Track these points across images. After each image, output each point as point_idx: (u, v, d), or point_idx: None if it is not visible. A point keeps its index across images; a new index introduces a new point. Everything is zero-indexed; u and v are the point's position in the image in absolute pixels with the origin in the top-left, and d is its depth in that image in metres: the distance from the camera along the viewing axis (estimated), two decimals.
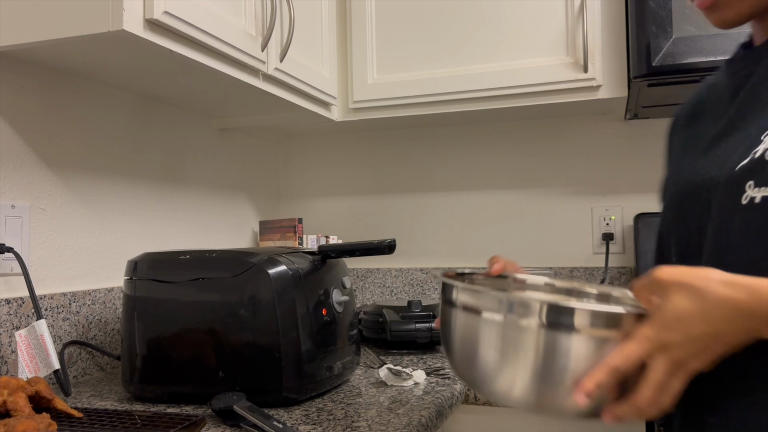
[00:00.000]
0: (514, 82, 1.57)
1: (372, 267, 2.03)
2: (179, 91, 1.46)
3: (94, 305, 1.31)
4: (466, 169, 1.97)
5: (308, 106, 1.59)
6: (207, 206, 1.75)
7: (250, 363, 1.02)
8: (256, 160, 2.03)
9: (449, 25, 1.65)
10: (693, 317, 0.59)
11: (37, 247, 1.20)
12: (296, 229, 1.83)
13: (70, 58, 1.17)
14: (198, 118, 1.72)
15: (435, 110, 1.67)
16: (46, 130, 1.23)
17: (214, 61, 1.20)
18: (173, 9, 1.04)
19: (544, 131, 1.90)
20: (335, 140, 2.12)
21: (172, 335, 1.06)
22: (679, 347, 0.60)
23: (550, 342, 0.63)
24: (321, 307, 1.10)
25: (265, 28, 1.32)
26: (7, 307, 1.11)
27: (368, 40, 1.71)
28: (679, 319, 0.60)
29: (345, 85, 1.73)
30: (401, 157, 2.04)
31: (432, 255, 2.00)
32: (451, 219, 1.98)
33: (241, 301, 1.03)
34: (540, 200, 1.90)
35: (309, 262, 1.12)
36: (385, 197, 2.06)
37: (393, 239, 1.12)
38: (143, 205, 1.50)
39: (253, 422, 0.90)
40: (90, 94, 1.34)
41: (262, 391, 1.02)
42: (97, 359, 1.31)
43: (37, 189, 1.21)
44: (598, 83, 1.51)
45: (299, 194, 2.16)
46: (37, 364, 1.04)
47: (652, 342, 0.60)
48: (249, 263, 1.04)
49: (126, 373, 1.10)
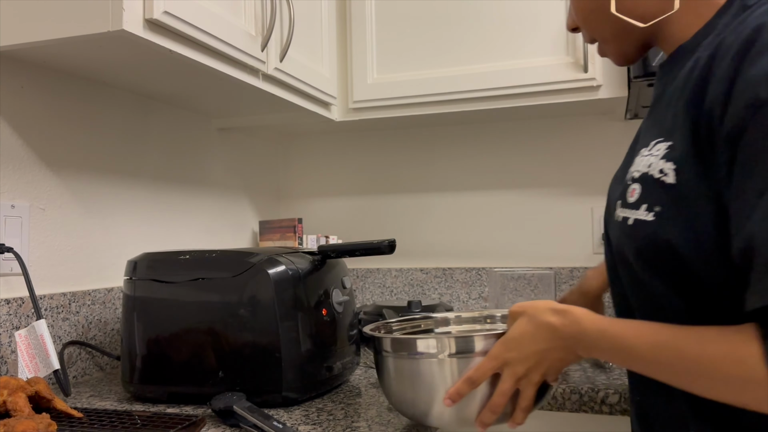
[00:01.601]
0: (514, 82, 1.57)
1: (372, 267, 2.03)
2: (179, 91, 1.46)
3: (94, 305, 1.31)
4: (466, 169, 1.97)
5: (308, 106, 1.59)
6: (207, 206, 1.75)
7: (250, 363, 1.02)
8: (256, 160, 2.03)
9: (449, 24, 1.64)
10: (525, 338, 0.76)
11: (37, 247, 1.20)
12: (296, 229, 1.83)
13: (70, 58, 1.17)
14: (198, 118, 1.72)
15: (435, 110, 1.67)
16: (45, 130, 1.23)
17: (214, 60, 1.20)
18: (173, 9, 1.04)
19: (544, 131, 1.90)
20: (335, 140, 2.12)
21: (171, 335, 1.06)
22: (518, 362, 0.76)
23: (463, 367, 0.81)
24: (321, 307, 1.10)
25: (265, 28, 1.32)
26: (6, 307, 1.11)
27: (368, 40, 1.71)
28: (516, 340, 0.77)
29: (345, 85, 1.73)
30: (401, 157, 2.04)
31: (432, 255, 2.00)
32: (451, 219, 1.98)
33: (241, 301, 1.03)
34: (540, 200, 1.90)
35: (309, 262, 1.12)
36: (385, 197, 2.06)
37: (393, 239, 1.12)
38: (143, 205, 1.49)
39: (253, 422, 0.90)
40: (90, 94, 1.34)
41: (262, 391, 1.02)
42: (96, 359, 1.31)
43: (36, 189, 1.21)
44: (599, 83, 1.51)
45: (299, 194, 2.16)
46: (36, 365, 1.04)
47: (497, 359, 0.77)
48: (249, 263, 1.04)
49: (126, 373, 1.10)
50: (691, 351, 0.62)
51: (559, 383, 1.10)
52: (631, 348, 0.67)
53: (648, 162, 0.70)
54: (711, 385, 0.62)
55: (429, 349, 0.82)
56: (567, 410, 1.12)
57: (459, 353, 0.81)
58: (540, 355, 0.76)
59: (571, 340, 0.73)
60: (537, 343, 0.75)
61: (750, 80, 0.59)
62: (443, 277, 1.94)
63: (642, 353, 0.66)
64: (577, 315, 0.73)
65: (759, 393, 0.57)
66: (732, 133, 0.60)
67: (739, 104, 0.59)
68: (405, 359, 0.85)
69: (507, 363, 0.77)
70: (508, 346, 0.77)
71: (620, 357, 0.69)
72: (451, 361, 0.81)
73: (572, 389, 1.12)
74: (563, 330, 0.73)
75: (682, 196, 0.65)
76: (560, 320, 0.74)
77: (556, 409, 1.13)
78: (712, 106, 0.63)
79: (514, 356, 0.76)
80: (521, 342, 0.76)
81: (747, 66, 0.60)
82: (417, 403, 0.84)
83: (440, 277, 1.95)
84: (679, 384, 0.65)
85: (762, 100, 0.58)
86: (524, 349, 0.76)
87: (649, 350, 0.66)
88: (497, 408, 0.79)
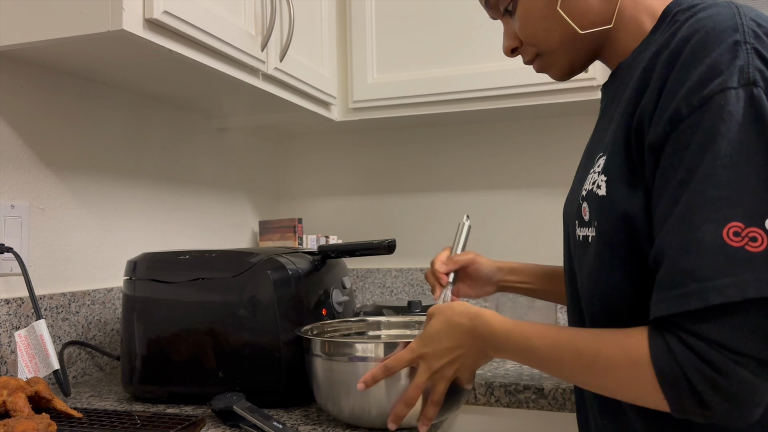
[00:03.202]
0: (514, 82, 1.57)
1: (372, 267, 2.03)
2: (179, 91, 1.46)
3: (94, 305, 1.31)
4: (466, 169, 1.97)
5: (308, 106, 1.59)
6: (207, 206, 1.75)
7: (250, 363, 1.02)
8: (256, 160, 2.03)
9: (449, 24, 1.64)
10: (440, 335, 0.80)
11: (37, 247, 1.20)
12: (296, 229, 1.83)
13: (69, 58, 1.17)
14: (198, 118, 1.72)
15: (435, 110, 1.67)
16: (45, 130, 1.23)
17: (214, 60, 1.20)
18: (173, 9, 1.04)
19: (543, 131, 1.90)
20: (335, 140, 2.12)
21: (171, 335, 1.06)
22: (433, 357, 0.81)
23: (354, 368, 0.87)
24: (321, 307, 1.10)
25: (265, 28, 1.32)
26: (6, 308, 1.11)
27: (368, 40, 1.71)
28: (431, 336, 0.81)
29: (345, 85, 1.73)
30: (401, 157, 2.04)
31: (432, 255, 1.98)
32: (451, 219, 1.98)
33: (241, 301, 1.03)
34: (540, 200, 1.89)
35: (309, 262, 1.11)
36: (385, 197, 2.06)
37: (393, 239, 1.12)
38: (143, 205, 1.49)
39: (252, 422, 0.90)
40: (90, 94, 1.34)
41: (261, 391, 1.02)
42: (96, 359, 1.31)
43: (36, 189, 1.21)
44: (598, 83, 1.51)
45: (299, 194, 2.16)
46: (36, 365, 1.04)
47: (414, 352, 0.82)
48: (249, 263, 1.04)
49: (125, 373, 1.10)
50: (589, 351, 0.66)
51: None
52: (534, 348, 0.72)
53: (593, 179, 0.73)
54: (606, 384, 0.65)
55: (360, 353, 0.88)
56: (567, 410, 1.12)
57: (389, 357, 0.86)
58: (453, 351, 0.80)
59: (481, 339, 0.78)
60: (450, 340, 0.80)
61: (673, 94, 0.62)
62: None
63: (544, 353, 0.71)
64: (487, 317, 0.77)
65: (653, 394, 0.60)
66: (655, 145, 0.63)
67: (663, 117, 0.62)
68: (333, 362, 0.90)
69: (423, 357, 0.81)
70: (425, 341, 0.82)
71: (525, 356, 0.74)
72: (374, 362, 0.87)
73: (572, 389, 1.11)
74: (474, 330, 0.78)
75: (611, 205, 0.68)
76: (471, 321, 0.78)
77: (557, 410, 1.13)
78: (641, 116, 0.65)
79: (429, 351, 0.81)
80: (436, 339, 0.81)
81: (672, 80, 0.63)
82: (350, 404, 0.89)
83: None
84: (580, 383, 0.70)
85: (683, 115, 0.60)
86: (439, 345, 0.80)
87: (550, 350, 0.70)
88: (411, 401, 0.83)
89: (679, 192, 0.60)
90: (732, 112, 0.58)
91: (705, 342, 0.56)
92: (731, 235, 0.56)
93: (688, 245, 0.58)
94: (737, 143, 0.58)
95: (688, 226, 0.58)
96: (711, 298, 0.56)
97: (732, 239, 0.56)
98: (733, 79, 0.59)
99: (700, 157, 0.59)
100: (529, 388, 1.14)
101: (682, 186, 0.59)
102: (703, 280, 0.56)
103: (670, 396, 0.59)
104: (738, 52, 0.60)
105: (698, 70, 0.60)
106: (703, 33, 0.62)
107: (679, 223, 0.59)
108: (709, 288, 0.56)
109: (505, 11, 0.82)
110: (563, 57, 0.81)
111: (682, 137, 0.60)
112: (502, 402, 1.16)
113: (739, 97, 0.58)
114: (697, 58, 0.61)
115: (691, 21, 0.65)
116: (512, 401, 1.16)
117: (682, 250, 0.58)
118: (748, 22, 0.62)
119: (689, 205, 0.59)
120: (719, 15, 0.63)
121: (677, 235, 0.59)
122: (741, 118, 0.58)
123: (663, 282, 0.60)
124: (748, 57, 0.60)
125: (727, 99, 0.59)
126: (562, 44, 0.79)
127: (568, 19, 0.76)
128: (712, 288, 0.56)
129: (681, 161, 0.60)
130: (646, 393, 0.61)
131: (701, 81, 0.60)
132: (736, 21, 0.62)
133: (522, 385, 1.15)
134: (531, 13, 0.79)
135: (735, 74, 0.59)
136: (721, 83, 0.59)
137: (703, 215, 0.57)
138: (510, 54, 0.86)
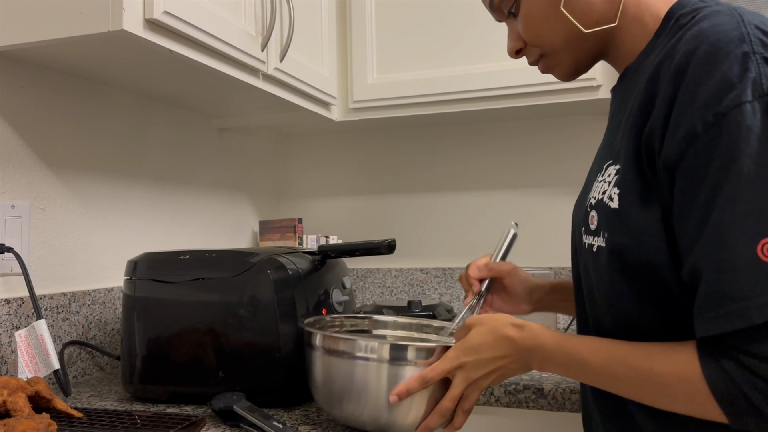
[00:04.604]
0: (514, 82, 1.57)
1: (372, 267, 2.03)
2: (179, 91, 1.46)
3: (94, 305, 1.31)
4: (466, 169, 1.97)
5: (308, 106, 1.59)
6: (207, 206, 1.75)
7: (250, 363, 1.02)
8: (256, 160, 2.03)
9: (449, 25, 1.64)
10: (483, 346, 0.78)
11: (37, 247, 1.20)
12: (296, 229, 1.83)
13: (69, 58, 1.17)
14: (198, 118, 1.72)
15: (435, 110, 1.67)
16: (45, 130, 1.23)
17: (214, 61, 1.20)
18: (173, 9, 1.04)
19: (544, 131, 1.90)
20: (335, 140, 2.12)
21: (171, 335, 1.06)
22: (472, 367, 0.78)
23: (392, 372, 0.82)
24: (321, 307, 1.10)
25: (265, 28, 1.32)
26: (6, 307, 1.11)
27: (368, 40, 1.71)
28: (473, 346, 0.78)
29: (345, 85, 1.73)
30: (401, 157, 2.04)
31: (432, 255, 2.00)
32: (451, 219, 1.98)
33: (241, 301, 1.03)
34: (540, 200, 1.90)
35: (309, 262, 1.12)
36: (385, 197, 2.06)
37: (393, 239, 1.12)
38: (143, 205, 1.49)
39: (253, 422, 0.90)
40: (90, 94, 1.34)
41: (262, 391, 1.02)
42: (96, 359, 1.31)
43: (36, 189, 1.21)
44: (598, 83, 1.51)
45: (299, 194, 2.16)
46: (36, 364, 1.04)
47: (453, 361, 0.79)
48: (249, 263, 1.04)
49: (126, 373, 1.10)
50: (642, 367, 0.65)
51: None
52: (586, 363, 0.70)
53: (602, 188, 0.73)
54: (661, 399, 0.65)
55: (362, 352, 0.84)
56: (567, 410, 1.12)
57: (393, 360, 0.83)
58: (494, 363, 0.78)
59: (527, 352, 0.76)
60: (494, 351, 0.78)
61: (685, 110, 0.61)
62: (443, 277, 1.94)
63: (596, 368, 0.70)
64: (535, 329, 0.76)
65: (712, 410, 0.60)
66: (670, 161, 0.63)
67: (676, 134, 0.62)
68: (338, 358, 0.86)
69: (462, 367, 0.79)
70: (466, 351, 0.79)
71: (574, 370, 0.73)
72: (387, 366, 0.83)
73: (572, 389, 1.12)
74: (521, 343, 0.76)
75: (625, 220, 0.68)
76: (519, 333, 0.77)
77: (556, 409, 1.13)
78: (652, 131, 0.65)
79: (470, 361, 0.79)
80: (479, 349, 0.78)
81: (682, 95, 0.62)
82: (346, 404, 0.86)
83: (440, 277, 1.95)
84: (632, 397, 0.69)
85: (699, 132, 0.60)
86: (481, 355, 0.78)
87: (603, 365, 0.69)
88: (446, 412, 0.81)
89: (706, 211, 0.60)
90: (750, 126, 0.58)
91: (757, 359, 0.57)
92: (765, 251, 0.57)
93: (724, 265, 0.58)
94: (759, 157, 0.58)
95: (720, 245, 0.58)
96: (753, 317, 0.56)
97: (766, 255, 0.57)
98: (747, 92, 0.58)
99: (724, 175, 0.59)
100: (528, 387, 1.15)
101: (710, 205, 0.59)
102: (742, 299, 0.57)
103: (729, 413, 0.59)
104: (748, 63, 0.59)
105: (709, 85, 0.60)
106: (708, 45, 0.61)
107: (711, 243, 0.59)
108: (751, 307, 0.56)
109: (509, 13, 0.82)
110: (568, 57, 0.81)
111: (701, 154, 0.60)
112: (501, 402, 1.16)
113: (755, 111, 0.58)
114: (706, 71, 0.60)
115: (694, 31, 0.64)
116: (512, 401, 1.16)
117: (719, 271, 0.58)
118: (753, 30, 0.62)
119: (719, 224, 0.59)
120: (722, 24, 0.63)
121: (712, 255, 0.59)
122: (759, 131, 0.58)
123: (704, 302, 0.60)
124: (759, 68, 0.59)
125: (743, 114, 0.58)
126: (566, 44, 0.79)
127: (571, 18, 0.76)
128: (754, 307, 0.56)
129: (704, 179, 0.60)
130: (705, 410, 0.61)
131: (714, 96, 0.59)
132: (741, 30, 0.61)
133: (522, 385, 1.15)
134: (534, 13, 0.79)
135: (748, 87, 0.59)
136: (736, 98, 0.58)
137: (735, 234, 0.58)
138: (515, 55, 0.86)
